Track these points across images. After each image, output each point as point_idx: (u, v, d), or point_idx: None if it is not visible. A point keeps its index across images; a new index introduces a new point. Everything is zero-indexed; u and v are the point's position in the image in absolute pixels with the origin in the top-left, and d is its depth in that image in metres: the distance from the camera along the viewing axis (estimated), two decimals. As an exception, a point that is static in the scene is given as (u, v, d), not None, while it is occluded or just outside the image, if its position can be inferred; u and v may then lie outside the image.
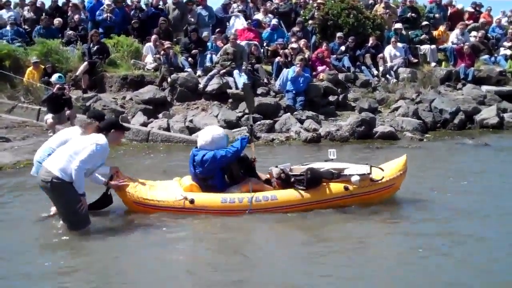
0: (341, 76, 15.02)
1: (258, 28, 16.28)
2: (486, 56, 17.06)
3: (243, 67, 14.00)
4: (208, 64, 14.78)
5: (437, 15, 18.62)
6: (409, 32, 17.24)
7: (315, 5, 17.22)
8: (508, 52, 17.49)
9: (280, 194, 6.57)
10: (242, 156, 6.79)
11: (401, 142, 12.30)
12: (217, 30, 15.93)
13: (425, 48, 16.69)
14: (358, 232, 6.01)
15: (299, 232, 6.14)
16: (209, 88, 13.87)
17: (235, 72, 14.01)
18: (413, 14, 18.12)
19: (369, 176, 6.70)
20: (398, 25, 16.89)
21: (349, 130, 12.41)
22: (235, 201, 6.44)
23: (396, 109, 14.21)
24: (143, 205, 6.58)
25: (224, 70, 14.09)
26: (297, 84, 13.83)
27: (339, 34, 15.98)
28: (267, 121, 12.83)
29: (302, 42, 15.57)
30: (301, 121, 12.88)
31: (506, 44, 18.07)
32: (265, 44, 16.09)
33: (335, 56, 15.70)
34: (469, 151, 11.43)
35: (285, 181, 6.69)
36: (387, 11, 17.67)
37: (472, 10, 20.06)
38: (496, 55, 17.46)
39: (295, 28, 16.43)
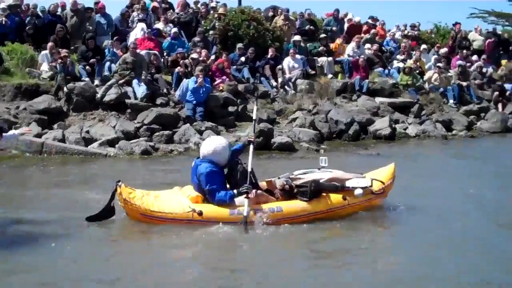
0: (240, 87, 15.44)
1: (158, 38, 16.40)
2: (380, 69, 18.06)
3: (143, 77, 14.10)
4: (106, 73, 14.74)
5: (334, 28, 19.58)
6: (307, 44, 17.97)
7: (216, 15, 17.62)
8: (401, 65, 18.60)
9: (285, 205, 6.86)
10: (245, 169, 6.89)
11: (298, 152, 12.83)
12: (115, 38, 15.90)
13: (322, 60, 17.47)
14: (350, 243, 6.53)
15: (299, 244, 6.55)
16: (107, 98, 13.85)
17: (134, 82, 14.10)
18: (311, 27, 18.93)
19: (371, 189, 7.23)
20: (297, 37, 17.56)
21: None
22: (242, 213, 6.60)
23: (294, 120, 14.80)
24: (150, 217, 6.70)
25: (123, 80, 14.12)
26: (198, 95, 14.06)
27: (239, 45, 16.44)
28: (166, 132, 13.01)
29: (203, 52, 15.85)
30: (201, 132, 13.14)
31: (399, 57, 19.27)
32: (165, 54, 16.25)
33: (235, 66, 16.11)
34: (362, 161, 12.06)
35: (288, 192, 7.00)
36: (287, 23, 18.34)
37: (372, 22, 21.16)
38: (389, 67, 18.53)
39: (196, 38, 16.73)
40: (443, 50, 20.63)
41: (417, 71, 18.26)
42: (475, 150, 14.24)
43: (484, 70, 20.10)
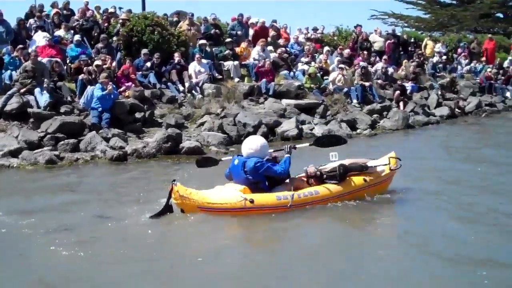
0: (147, 92, 15.59)
1: (60, 45, 16.24)
2: (286, 72, 18.67)
3: (45, 85, 13.97)
4: (7, 82, 14.47)
5: (239, 32, 20.02)
6: (213, 49, 18.33)
7: (120, 21, 17.63)
8: (305, 67, 19.30)
9: (320, 189, 8.04)
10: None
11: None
12: (18, 47, 15.55)
13: (228, 64, 17.90)
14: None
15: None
16: (8, 108, 13.64)
17: (37, 90, 13.96)
18: (216, 31, 19.30)
19: (389, 166, 8.57)
20: (203, 42, 17.89)
21: (156, 147, 12.96)
22: (288, 198, 7.67)
23: (202, 124, 15.12)
24: (207, 209, 7.59)
25: (24, 89, 13.93)
26: (104, 102, 14.06)
27: (144, 50, 16.56)
28: (71, 141, 12.95)
29: (107, 58, 15.84)
30: (107, 140, 13.19)
31: (303, 60, 20.00)
32: (68, 61, 16.12)
33: (140, 72, 16.22)
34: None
35: (319, 178, 8.14)
36: (191, 28, 18.61)
37: (277, 26, 21.83)
38: (294, 70, 19.20)
39: (99, 45, 16.71)
40: (346, 51, 21.58)
41: (321, 73, 19.00)
42: (379, 147, 14.89)
43: (385, 70, 21.19)
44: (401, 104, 19.38)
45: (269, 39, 20.05)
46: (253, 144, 7.97)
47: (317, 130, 16.07)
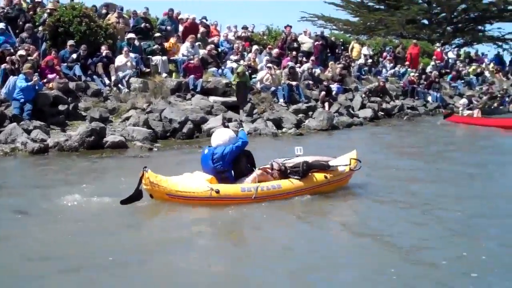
0: (72, 84, 15.39)
1: (-19, 33, 15.78)
2: (214, 69, 18.80)
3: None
4: None
5: (169, 27, 19.99)
6: (142, 43, 18.24)
7: (47, 11, 17.27)
8: (234, 65, 19.48)
9: (282, 183, 8.47)
10: (248, 152, 8.64)
11: (131, 151, 13.10)
12: None
13: (156, 59, 17.85)
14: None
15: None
16: None
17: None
18: (147, 25, 19.19)
19: (350, 166, 9.08)
20: (131, 35, 17.78)
21: (79, 140, 12.80)
22: (252, 190, 8.08)
23: (127, 118, 15.03)
24: (175, 197, 7.97)
25: None
26: (27, 93, 13.78)
27: (70, 42, 16.31)
28: (-10, 132, 12.64)
29: (31, 48, 15.51)
30: (28, 132, 12.95)
31: (232, 57, 20.17)
32: (-10, 50, 15.65)
33: (66, 64, 15.97)
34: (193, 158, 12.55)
35: (283, 173, 8.57)
36: (120, 20, 18.45)
37: (207, 23, 21.91)
38: (223, 67, 19.34)
39: (24, 34, 16.33)
40: (275, 51, 21.91)
41: (249, 71, 19.24)
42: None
43: (312, 71, 21.67)
44: (326, 104, 19.87)
45: (198, 35, 20.11)
46: (222, 136, 8.53)
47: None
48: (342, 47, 27.49)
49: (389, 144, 16.01)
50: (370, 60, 26.82)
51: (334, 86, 21.60)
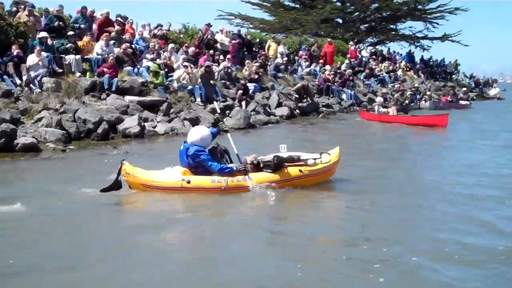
0: (-20, 85, 14.86)
1: None
2: (130, 68, 18.63)
3: None
4: None
5: (82, 26, 19.65)
6: (54, 42, 17.83)
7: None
8: (150, 64, 19.39)
9: (254, 176, 8.86)
10: (225, 148, 9.22)
11: (44, 153, 12.85)
12: None
13: (70, 58, 17.50)
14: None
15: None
16: None
17: None
18: (60, 23, 18.77)
19: (320, 160, 9.20)
20: (43, 34, 17.36)
21: (-12, 143, 12.44)
22: (221, 181, 8.65)
23: (40, 119, 14.68)
24: (149, 187, 8.75)
25: None
26: None
27: (-23, 40, 15.76)
28: None
29: None
30: None
31: (148, 56, 20.07)
32: None
33: (-27, 63, 15.43)
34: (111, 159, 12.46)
35: (257, 166, 8.99)
36: (31, 18, 17.97)
37: (122, 21, 21.67)
38: (139, 66, 19.18)
39: None
40: (191, 49, 21.96)
41: (166, 70, 19.21)
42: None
43: (229, 69, 21.88)
44: (243, 103, 20.14)
45: (113, 33, 19.87)
46: (196, 134, 8.91)
47: (160, 127, 16.29)
48: (259, 46, 27.89)
49: (305, 141, 16.38)
50: (286, 59, 27.32)
51: (251, 85, 21.90)
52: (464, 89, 40.60)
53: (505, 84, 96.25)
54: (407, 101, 27.73)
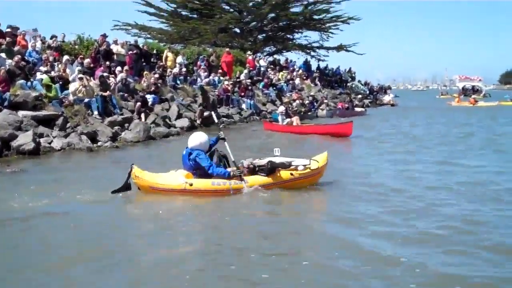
0: None
1: None
2: (23, 81, 18.04)
3: None
4: None
5: (-30, 38, 18.90)
6: None
7: None
8: (44, 76, 18.86)
9: (250, 179, 9.92)
10: (223, 154, 10.31)
11: None
12: None
13: (-44, 72, 16.74)
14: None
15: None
16: None
17: None
18: None
19: (309, 166, 10.32)
20: None
21: None
22: (220, 184, 9.68)
23: None
24: (156, 189, 9.76)
25: None
26: None
27: None
28: None
29: None
30: None
31: (42, 68, 19.54)
32: None
33: None
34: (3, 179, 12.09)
35: (252, 170, 10.12)
36: None
37: (12, 32, 20.99)
38: (32, 79, 18.61)
39: None
40: (87, 61, 21.61)
41: (61, 83, 18.79)
42: (119, 158, 15.25)
43: (127, 81, 21.70)
44: (142, 115, 20.03)
45: (3, 46, 19.23)
46: (196, 140, 9.96)
47: (56, 143, 15.92)
48: (157, 56, 27.83)
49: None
50: (184, 69, 27.42)
51: (150, 97, 21.81)
52: (359, 96, 42.35)
53: (398, 91, 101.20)
54: (303, 110, 28.51)
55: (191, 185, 9.62)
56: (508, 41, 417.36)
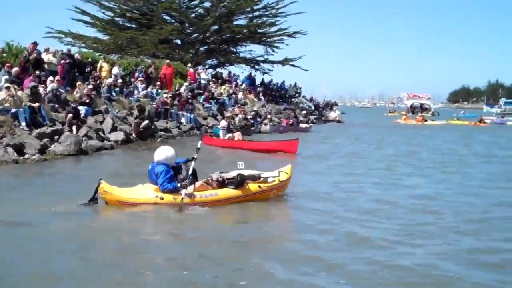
0: None
1: None
2: None
3: None
4: None
5: None
6: None
7: None
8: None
9: (219, 192, 10.48)
10: (187, 170, 10.37)
11: None
12: None
13: None
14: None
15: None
16: None
17: None
18: None
19: (278, 178, 11.16)
20: None
21: None
22: (187, 198, 9.98)
23: None
24: (126, 203, 10.02)
25: None
26: None
27: None
28: None
29: None
30: None
31: (-35, 77, 19.11)
32: None
33: None
34: None
35: (221, 182, 10.60)
36: None
37: None
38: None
39: None
40: (15, 69, 21.23)
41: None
42: (46, 174, 15.00)
43: (58, 92, 21.39)
44: (74, 128, 19.72)
45: None
46: (162, 154, 10.23)
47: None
48: (91, 67, 27.56)
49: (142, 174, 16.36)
50: (120, 80, 27.22)
51: (82, 108, 21.54)
52: (304, 112, 42.87)
53: (344, 107, 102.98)
54: (247, 124, 28.71)
55: (162, 198, 9.98)
56: (457, 59, 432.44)
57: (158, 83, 29.88)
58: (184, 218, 9.71)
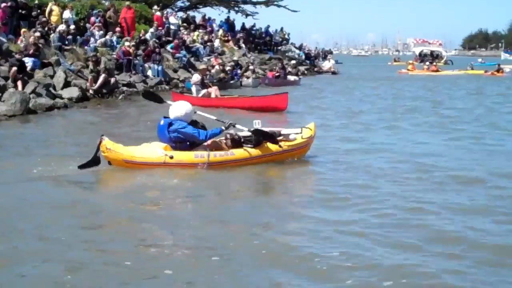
0: None
1: None
2: None
3: None
4: None
5: None
6: None
7: None
8: None
9: (236, 151, 10.66)
10: (202, 124, 10.75)
11: None
12: None
13: None
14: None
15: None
16: None
17: None
18: None
19: (301, 134, 11.18)
20: None
21: None
22: (205, 156, 10.24)
23: None
24: (132, 162, 10.20)
25: None
26: None
27: None
28: None
29: None
30: None
31: None
32: None
33: None
34: None
35: (237, 141, 10.77)
36: None
37: None
38: None
39: None
40: None
41: None
42: None
43: (-1, 41, 21.28)
44: (19, 83, 19.60)
45: None
46: (180, 109, 10.53)
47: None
48: (39, 11, 27.28)
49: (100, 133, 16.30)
50: (74, 27, 26.98)
51: (29, 60, 21.39)
52: (293, 62, 42.80)
53: (340, 56, 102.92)
54: (225, 77, 28.66)
55: (171, 157, 10.16)
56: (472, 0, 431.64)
57: (118, 29, 29.59)
58: (202, 181, 9.91)
